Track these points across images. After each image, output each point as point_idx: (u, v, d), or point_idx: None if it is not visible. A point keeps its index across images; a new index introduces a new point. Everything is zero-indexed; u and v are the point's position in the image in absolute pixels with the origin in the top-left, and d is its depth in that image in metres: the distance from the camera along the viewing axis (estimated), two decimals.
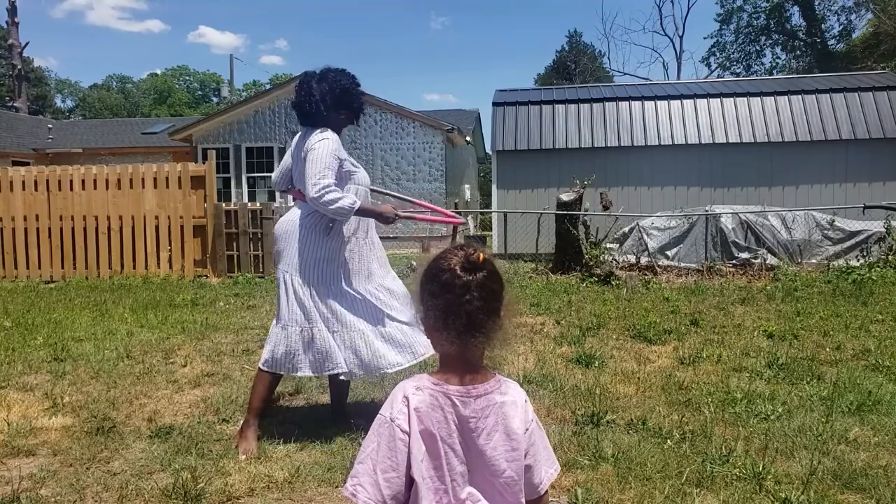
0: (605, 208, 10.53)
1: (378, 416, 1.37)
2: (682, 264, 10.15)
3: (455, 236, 13.13)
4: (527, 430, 1.41)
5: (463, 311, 1.33)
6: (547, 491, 1.48)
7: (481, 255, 1.37)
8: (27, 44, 30.73)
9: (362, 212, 3.26)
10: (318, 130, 3.28)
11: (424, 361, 3.37)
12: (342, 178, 3.30)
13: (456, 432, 1.35)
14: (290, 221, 3.36)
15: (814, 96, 13.97)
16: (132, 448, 3.22)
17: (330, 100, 3.31)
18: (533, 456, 1.42)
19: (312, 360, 3.30)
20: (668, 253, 10.50)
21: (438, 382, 1.37)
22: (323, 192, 3.10)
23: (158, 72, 65.33)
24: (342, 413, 3.58)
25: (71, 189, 10.07)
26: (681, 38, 41.50)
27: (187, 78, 65.16)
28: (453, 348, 1.35)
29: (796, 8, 37.48)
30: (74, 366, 4.77)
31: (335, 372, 3.32)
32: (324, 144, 3.20)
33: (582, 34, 52.33)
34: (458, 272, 1.34)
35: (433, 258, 1.42)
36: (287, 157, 3.49)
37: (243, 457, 3.07)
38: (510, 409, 1.39)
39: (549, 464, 1.47)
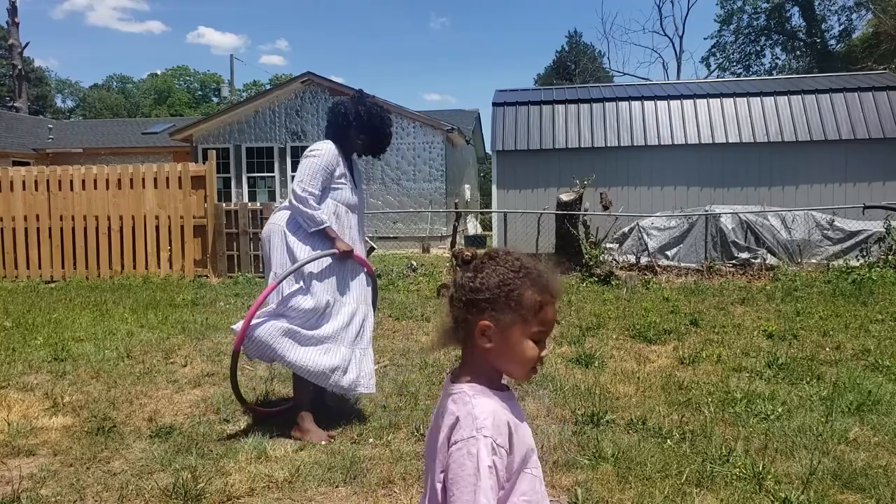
0: (605, 208, 10.53)
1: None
2: (682, 264, 10.14)
3: (455, 236, 13.14)
4: None
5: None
6: None
7: None
8: (27, 44, 30.75)
9: (326, 233, 3.35)
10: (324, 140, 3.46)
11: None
12: (324, 190, 3.39)
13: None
14: (274, 224, 3.42)
15: (814, 96, 13.96)
16: (132, 448, 3.22)
17: (354, 119, 3.45)
18: None
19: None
20: (668, 253, 10.49)
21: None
22: (308, 196, 3.30)
23: (158, 72, 65.31)
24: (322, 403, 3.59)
25: (71, 189, 10.06)
26: (681, 38, 41.57)
27: (187, 78, 65.12)
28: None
29: (796, 8, 37.46)
30: (75, 366, 4.77)
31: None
32: (325, 151, 3.38)
33: (582, 34, 52.39)
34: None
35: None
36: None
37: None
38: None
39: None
